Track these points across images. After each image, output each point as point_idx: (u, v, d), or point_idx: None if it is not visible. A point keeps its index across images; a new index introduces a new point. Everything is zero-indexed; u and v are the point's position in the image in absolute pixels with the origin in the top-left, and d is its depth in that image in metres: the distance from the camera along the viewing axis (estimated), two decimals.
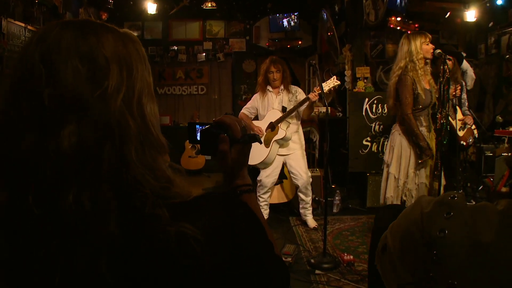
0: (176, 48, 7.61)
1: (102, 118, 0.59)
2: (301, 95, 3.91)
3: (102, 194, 0.57)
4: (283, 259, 3.08)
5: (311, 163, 5.76)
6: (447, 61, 3.90)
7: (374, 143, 4.77)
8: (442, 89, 2.69)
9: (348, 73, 5.23)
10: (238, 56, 7.62)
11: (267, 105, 3.96)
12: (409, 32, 6.53)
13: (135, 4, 6.93)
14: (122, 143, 0.60)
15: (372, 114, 4.75)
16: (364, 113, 4.75)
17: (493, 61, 6.43)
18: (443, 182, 3.05)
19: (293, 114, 3.82)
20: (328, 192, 5.25)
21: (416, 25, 5.68)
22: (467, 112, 4.14)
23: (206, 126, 0.90)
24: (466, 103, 4.12)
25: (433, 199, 0.67)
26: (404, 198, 3.10)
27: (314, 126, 5.04)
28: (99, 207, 0.56)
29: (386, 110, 4.72)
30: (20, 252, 0.57)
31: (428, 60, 3.07)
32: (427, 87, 3.05)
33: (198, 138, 0.91)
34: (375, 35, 6.77)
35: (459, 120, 3.92)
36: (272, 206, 4.30)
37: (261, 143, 0.97)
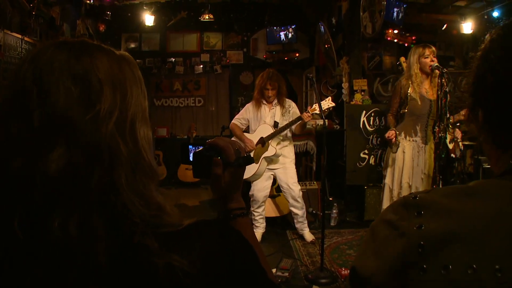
0: (173, 60, 7.64)
1: (92, 141, 0.58)
2: (294, 110, 3.92)
3: (90, 220, 0.56)
4: (280, 274, 3.07)
5: (309, 175, 5.75)
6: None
7: (372, 156, 4.76)
8: (439, 102, 2.70)
9: (345, 85, 5.25)
10: (236, 68, 7.68)
11: (260, 118, 3.96)
12: (406, 44, 6.62)
13: (133, 16, 6.98)
14: (112, 168, 0.58)
15: (369, 127, 4.76)
16: (361, 126, 4.76)
17: None
18: None
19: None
20: (326, 205, 5.25)
21: (413, 38, 5.72)
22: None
23: (199, 148, 0.89)
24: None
25: (393, 206, 0.63)
26: None
27: (312, 139, 5.04)
28: (87, 234, 0.55)
29: (383, 123, 4.73)
30: (5, 278, 0.55)
31: (435, 73, 3.08)
32: (430, 97, 3.06)
33: (191, 159, 0.91)
34: (372, 47, 6.83)
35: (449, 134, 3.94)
36: (268, 220, 4.27)
37: (252, 162, 0.96)
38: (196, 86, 7.76)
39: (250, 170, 3.88)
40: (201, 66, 7.66)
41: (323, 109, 3.55)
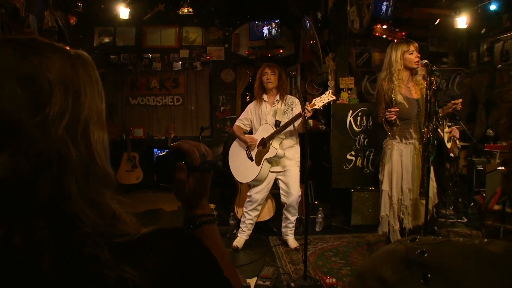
0: (150, 55, 7.54)
1: (40, 146, 0.57)
2: (297, 107, 3.83)
3: (36, 231, 0.55)
4: (261, 283, 3.02)
5: None
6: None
7: (359, 158, 4.76)
8: (428, 101, 2.69)
9: (331, 83, 5.24)
10: (216, 65, 7.62)
11: (261, 117, 3.92)
12: (395, 40, 6.66)
13: (106, 8, 6.84)
14: (62, 174, 0.58)
15: (356, 127, 4.75)
16: (348, 126, 4.75)
17: (485, 69, 6.54)
18: (435, 200, 3.05)
19: (287, 129, 3.76)
20: (311, 210, 5.23)
21: (403, 33, 5.76)
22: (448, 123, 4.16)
23: (163, 152, 0.88)
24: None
25: (392, 258, 0.52)
26: (402, 216, 3.08)
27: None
28: (32, 245, 0.54)
29: (371, 123, 4.73)
30: None
31: (416, 70, 3.09)
32: (415, 96, 3.06)
33: (154, 164, 0.90)
34: (360, 43, 6.85)
35: (446, 132, 3.95)
36: None
37: (222, 170, 0.93)
38: (175, 84, 7.68)
39: (252, 173, 3.82)
40: (180, 62, 7.58)
41: (323, 102, 3.51)
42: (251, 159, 3.88)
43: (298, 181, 3.91)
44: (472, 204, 4.77)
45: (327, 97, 3.50)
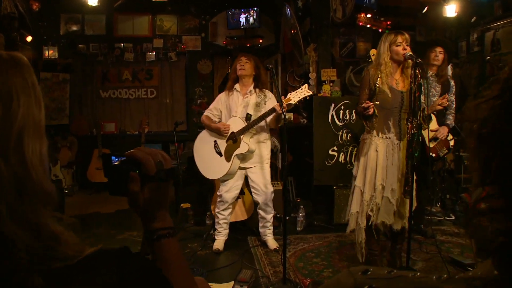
0: (122, 45, 7.37)
1: None
2: (271, 101, 3.79)
3: None
4: (239, 287, 2.96)
5: (274, 175, 5.68)
6: (439, 54, 3.97)
7: (342, 153, 4.74)
8: (413, 96, 2.66)
9: (312, 75, 5.20)
10: (193, 55, 7.50)
11: (231, 108, 3.85)
12: (380, 30, 6.65)
13: None
14: None
15: (339, 121, 4.73)
16: (330, 120, 4.72)
17: (475, 59, 6.56)
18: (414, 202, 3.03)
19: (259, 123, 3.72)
20: (292, 208, 5.20)
21: (388, 22, 5.75)
22: (451, 116, 4.13)
23: (118, 161, 0.86)
24: (453, 105, 4.13)
25: None
26: (370, 213, 3.05)
27: (275, 135, 4.95)
28: None
29: (354, 117, 4.71)
30: None
31: (408, 62, 3.06)
32: (401, 89, 3.03)
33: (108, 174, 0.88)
34: (345, 32, 6.82)
35: (432, 130, 3.93)
36: (229, 225, 4.16)
37: (179, 180, 0.89)
38: (148, 76, 7.54)
39: (222, 169, 3.77)
40: (154, 53, 7.44)
41: (299, 97, 3.46)
42: (219, 154, 3.82)
43: (269, 177, 3.89)
44: (459, 202, 4.81)
45: (303, 91, 3.46)
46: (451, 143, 4.33)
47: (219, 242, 3.98)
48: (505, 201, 0.49)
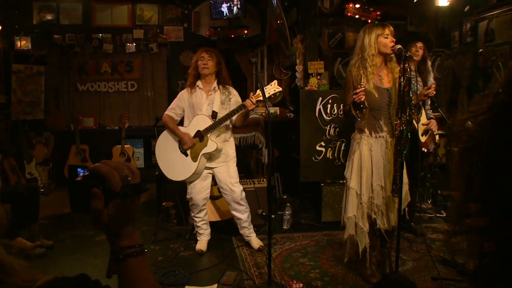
0: (100, 36, 7.24)
1: None
2: (236, 98, 3.80)
3: None
4: None
5: (260, 171, 5.64)
6: (420, 50, 3.95)
7: (329, 149, 4.71)
8: (402, 90, 2.62)
9: (299, 68, 5.15)
10: (175, 46, 7.41)
11: (195, 106, 3.79)
12: (369, 21, 6.62)
13: None
14: None
15: (326, 116, 4.69)
16: (317, 115, 4.67)
17: (468, 50, 6.55)
18: (408, 198, 3.01)
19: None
20: (278, 205, 5.17)
21: (378, 13, 5.71)
22: (431, 114, 4.17)
23: (81, 175, 0.83)
24: (429, 101, 4.14)
25: None
26: (374, 216, 3.01)
27: (260, 130, 4.90)
28: None
29: (342, 111, 4.67)
30: None
31: (391, 56, 3.02)
32: (386, 85, 2.99)
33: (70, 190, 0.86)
34: (333, 22, 6.78)
35: (423, 124, 3.93)
36: (213, 225, 4.12)
37: (146, 190, 0.85)
38: (128, 68, 7.44)
39: (188, 170, 3.74)
40: (134, 44, 7.33)
41: (269, 94, 3.44)
42: (185, 154, 3.76)
43: (237, 176, 3.87)
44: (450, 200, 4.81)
45: (273, 87, 3.43)
46: (437, 137, 4.35)
47: (202, 242, 3.94)
48: (489, 219, 0.46)
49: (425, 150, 4.08)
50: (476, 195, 0.49)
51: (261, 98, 3.38)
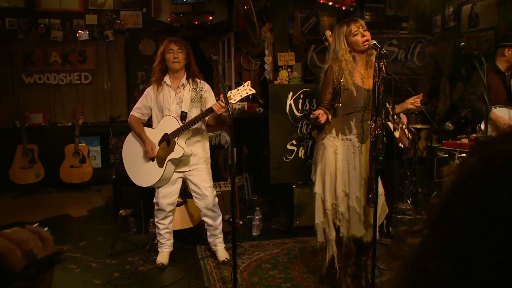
0: (47, 21, 6.93)
1: None
2: (207, 94, 3.68)
3: None
4: None
5: (230, 171, 5.53)
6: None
7: (301, 148, 4.62)
8: (376, 91, 2.54)
9: (268, 59, 5.03)
10: (133, 34, 7.21)
11: (162, 105, 3.66)
12: (343, 8, 6.55)
13: None
14: None
15: (298, 112, 4.59)
16: (288, 111, 4.57)
17: (451, 36, 6.57)
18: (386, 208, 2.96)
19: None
20: (248, 207, 5.08)
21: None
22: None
23: None
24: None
25: None
26: (338, 223, 2.96)
27: (226, 129, 4.77)
28: None
29: (315, 107, 4.59)
30: None
31: (367, 53, 2.94)
32: (367, 86, 2.92)
33: None
34: (307, 6, 6.69)
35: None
36: (175, 233, 4.00)
37: (60, 262, 0.72)
38: (81, 58, 7.18)
39: (153, 176, 3.63)
40: (87, 31, 7.06)
41: (241, 97, 3.30)
42: (151, 159, 3.64)
43: (211, 179, 3.78)
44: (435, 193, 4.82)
45: (246, 89, 3.29)
46: (406, 132, 4.34)
47: (163, 255, 3.82)
48: None
49: (402, 146, 4.06)
50: None
51: (232, 101, 3.27)
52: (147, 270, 3.71)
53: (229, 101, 3.25)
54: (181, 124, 3.51)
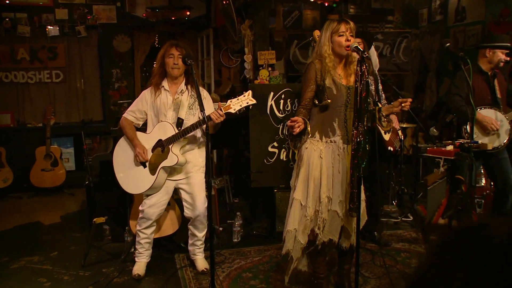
0: (13, 15, 6.76)
1: None
2: (206, 102, 3.59)
3: None
4: None
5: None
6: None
7: (283, 150, 4.61)
8: (358, 96, 2.53)
9: (248, 58, 4.99)
10: (107, 29, 7.10)
11: (159, 111, 3.61)
12: (326, 4, 6.53)
13: None
14: None
15: (279, 113, 4.57)
16: (268, 111, 4.55)
17: (437, 30, 6.59)
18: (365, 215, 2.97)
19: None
20: (228, 211, 5.04)
21: None
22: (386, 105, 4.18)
23: None
24: (383, 95, 4.12)
25: None
26: (317, 231, 2.93)
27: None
28: None
29: (296, 107, 4.57)
30: None
31: (351, 57, 2.93)
32: (344, 83, 2.90)
33: None
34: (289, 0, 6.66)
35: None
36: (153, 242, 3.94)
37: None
38: (52, 55, 7.04)
39: (144, 183, 3.57)
40: (57, 27, 6.91)
41: (241, 106, 3.26)
42: (143, 165, 3.58)
43: (204, 188, 3.71)
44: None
45: (246, 99, 3.25)
46: (400, 133, 4.37)
47: (140, 265, 3.77)
48: None
49: (392, 149, 4.07)
50: None
51: (231, 110, 3.21)
52: (122, 282, 3.65)
53: (228, 111, 3.21)
54: (177, 131, 3.46)
